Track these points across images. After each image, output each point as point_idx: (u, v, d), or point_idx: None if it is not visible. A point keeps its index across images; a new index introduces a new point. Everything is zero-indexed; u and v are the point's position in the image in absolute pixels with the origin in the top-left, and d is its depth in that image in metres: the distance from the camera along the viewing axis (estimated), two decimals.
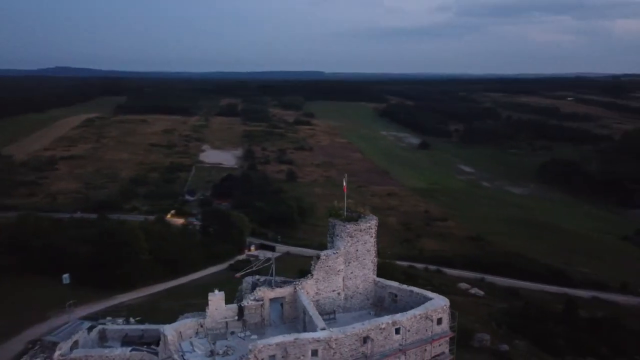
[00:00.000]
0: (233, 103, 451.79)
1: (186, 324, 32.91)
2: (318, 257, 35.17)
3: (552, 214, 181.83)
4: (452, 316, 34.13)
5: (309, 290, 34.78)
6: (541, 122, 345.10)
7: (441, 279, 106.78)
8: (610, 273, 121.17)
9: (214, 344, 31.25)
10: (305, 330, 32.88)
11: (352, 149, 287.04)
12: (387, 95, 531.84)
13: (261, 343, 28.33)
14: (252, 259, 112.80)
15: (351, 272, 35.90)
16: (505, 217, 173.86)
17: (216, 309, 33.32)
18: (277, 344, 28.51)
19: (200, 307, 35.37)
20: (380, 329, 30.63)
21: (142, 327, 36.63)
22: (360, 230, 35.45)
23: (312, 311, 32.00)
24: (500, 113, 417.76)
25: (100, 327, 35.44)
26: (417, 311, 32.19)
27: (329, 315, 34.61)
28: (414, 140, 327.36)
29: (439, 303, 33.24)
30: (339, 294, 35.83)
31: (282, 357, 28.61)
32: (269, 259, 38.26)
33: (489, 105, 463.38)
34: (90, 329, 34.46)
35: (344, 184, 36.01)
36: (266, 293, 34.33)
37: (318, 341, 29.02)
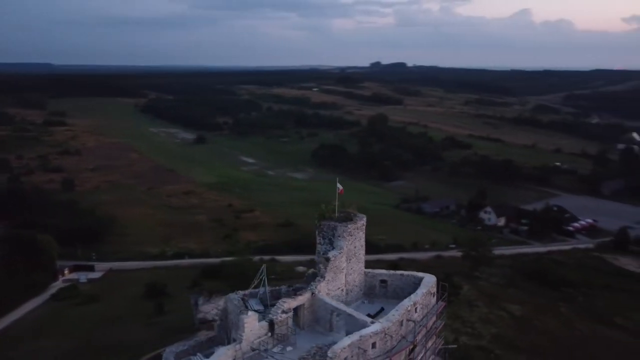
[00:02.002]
0: None
1: (221, 356, 31.03)
2: (327, 260, 36.88)
3: (335, 192, 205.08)
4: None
5: (322, 292, 36.32)
6: (300, 112, 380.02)
7: (280, 267, 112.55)
8: (400, 237, 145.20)
9: None
10: (331, 330, 34.68)
11: (126, 148, 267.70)
12: (145, 90, 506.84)
13: (338, 348, 29.48)
14: (72, 283, 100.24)
15: (351, 268, 38.71)
16: (299, 200, 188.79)
17: (251, 331, 32.21)
18: (349, 345, 30.03)
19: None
20: (407, 310, 34.66)
21: None
22: (357, 228, 38.41)
23: (349, 310, 34.00)
24: (261, 104, 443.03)
25: None
26: (424, 289, 37.17)
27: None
28: (187, 135, 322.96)
29: (432, 279, 38.85)
30: (342, 290, 38.26)
31: (351, 356, 30.28)
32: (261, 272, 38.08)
33: (248, 98, 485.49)
34: None
35: (339, 187, 38.16)
36: (290, 303, 34.56)
37: (377, 334, 31.53)
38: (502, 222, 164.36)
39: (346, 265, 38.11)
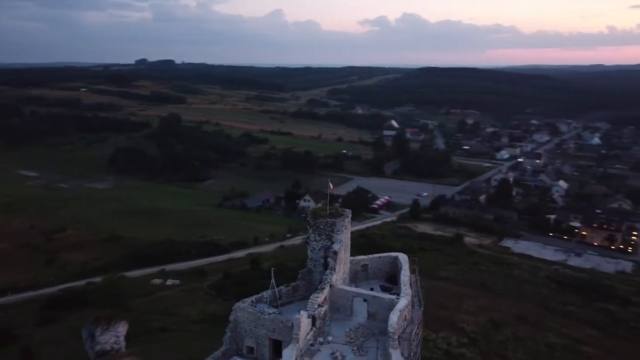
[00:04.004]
0: None
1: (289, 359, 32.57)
2: (336, 253, 40.32)
3: (148, 199, 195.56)
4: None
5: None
6: (78, 115, 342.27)
7: (134, 283, 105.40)
8: (237, 234, 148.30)
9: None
10: (352, 315, 38.79)
11: None
12: None
13: (393, 321, 34.10)
14: None
15: (346, 258, 42.81)
16: (112, 212, 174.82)
17: (304, 329, 34.07)
18: (398, 317, 34.95)
19: None
20: (409, 285, 40.90)
21: None
22: (348, 222, 42.71)
23: (372, 293, 38.49)
24: (21, 108, 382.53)
25: None
26: (405, 265, 43.64)
27: None
28: None
29: (405, 256, 45.53)
30: (343, 279, 42.20)
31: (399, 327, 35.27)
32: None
33: (3, 101, 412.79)
34: None
35: (331, 186, 41.69)
36: (320, 297, 37.17)
37: (407, 306, 37.02)
38: None
39: (343, 256, 42.12)
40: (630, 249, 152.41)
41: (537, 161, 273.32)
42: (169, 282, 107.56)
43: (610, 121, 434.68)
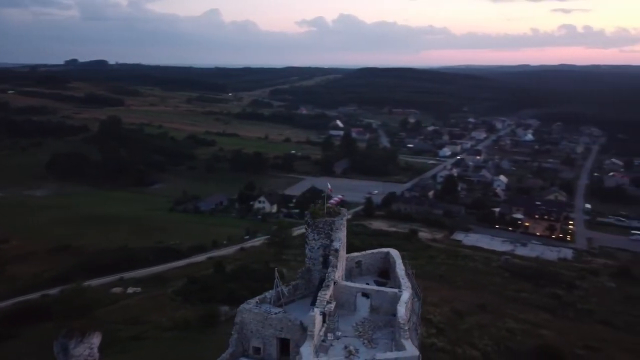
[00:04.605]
0: None
1: (308, 355, 33.40)
2: (337, 251, 41.45)
3: (94, 205, 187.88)
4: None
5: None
6: (5, 119, 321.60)
7: (94, 293, 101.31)
8: (194, 238, 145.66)
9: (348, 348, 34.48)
10: (355, 310, 40.11)
11: None
12: None
13: (401, 312, 35.76)
14: None
15: (343, 256, 44.07)
16: (57, 220, 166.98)
17: (317, 326, 34.96)
18: (405, 309, 36.66)
19: None
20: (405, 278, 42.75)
21: None
22: (346, 220, 43.97)
23: (376, 287, 39.97)
24: None
25: None
26: (398, 259, 45.50)
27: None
28: None
29: (396, 251, 47.38)
30: (341, 276, 43.43)
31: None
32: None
33: None
34: None
35: (329, 187, 42.77)
36: (328, 294, 38.18)
37: (410, 299, 38.81)
38: (274, 208, 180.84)
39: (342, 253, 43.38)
40: (569, 237, 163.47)
41: (478, 157, 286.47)
42: (130, 290, 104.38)
43: (539, 118, 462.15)
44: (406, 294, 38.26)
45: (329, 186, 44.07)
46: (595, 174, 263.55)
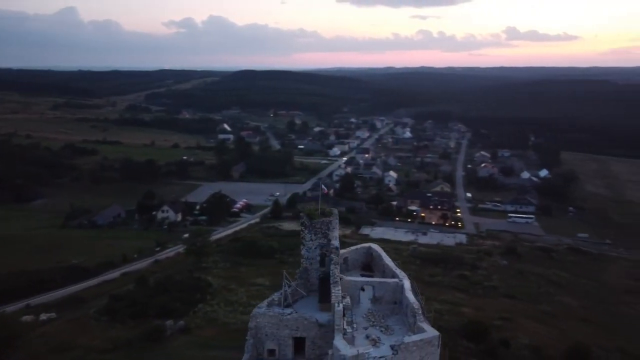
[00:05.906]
0: None
1: (345, 346, 35.14)
2: (337, 249, 43.44)
3: None
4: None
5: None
6: None
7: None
8: (99, 255, 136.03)
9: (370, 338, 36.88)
10: (359, 302, 42.60)
11: None
12: None
13: (407, 296, 39.07)
14: None
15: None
16: None
17: (342, 319, 36.75)
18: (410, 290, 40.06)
19: None
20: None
21: None
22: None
23: (378, 279, 42.71)
24: None
25: None
26: (383, 252, 48.72)
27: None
28: None
29: (377, 246, 50.53)
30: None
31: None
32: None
33: None
34: None
35: (323, 187, 44.48)
36: (340, 290, 40.04)
37: (411, 286, 42.27)
38: (179, 217, 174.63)
39: None
40: (459, 224, 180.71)
41: (367, 155, 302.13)
42: (44, 316, 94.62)
43: (413, 117, 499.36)
44: (407, 283, 41.67)
45: (324, 187, 45.85)
46: (469, 166, 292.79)
